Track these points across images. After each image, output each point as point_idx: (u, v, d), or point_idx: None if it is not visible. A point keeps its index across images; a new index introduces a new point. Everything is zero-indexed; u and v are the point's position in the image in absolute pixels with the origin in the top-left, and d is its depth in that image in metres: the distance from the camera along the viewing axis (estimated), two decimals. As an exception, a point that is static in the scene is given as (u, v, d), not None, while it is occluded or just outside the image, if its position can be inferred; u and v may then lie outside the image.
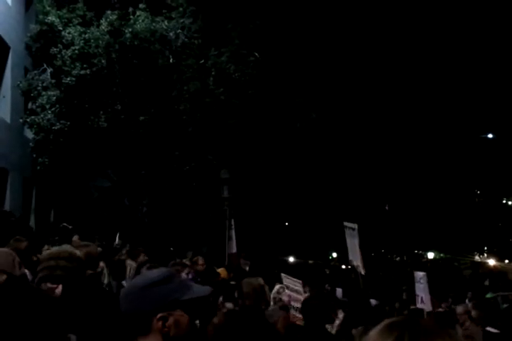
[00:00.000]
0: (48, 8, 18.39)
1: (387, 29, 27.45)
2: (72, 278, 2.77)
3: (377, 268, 29.07)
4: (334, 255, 39.39)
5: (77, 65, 17.48)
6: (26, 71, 18.39)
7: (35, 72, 18.23)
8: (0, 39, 16.44)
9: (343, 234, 8.44)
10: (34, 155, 17.68)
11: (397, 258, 39.01)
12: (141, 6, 18.18)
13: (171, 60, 18.43)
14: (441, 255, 36.19)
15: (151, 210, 20.62)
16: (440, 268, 33.13)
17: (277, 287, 7.11)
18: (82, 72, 17.38)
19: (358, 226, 8.24)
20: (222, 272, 9.27)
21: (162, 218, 21.10)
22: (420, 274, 10.14)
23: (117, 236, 13.02)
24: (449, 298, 14.51)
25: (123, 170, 19.39)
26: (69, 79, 17.38)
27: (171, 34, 18.24)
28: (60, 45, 17.86)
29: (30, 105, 18.36)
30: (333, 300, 6.60)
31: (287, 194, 23.36)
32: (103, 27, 17.81)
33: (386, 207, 36.56)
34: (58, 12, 18.40)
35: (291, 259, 34.29)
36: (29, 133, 18.05)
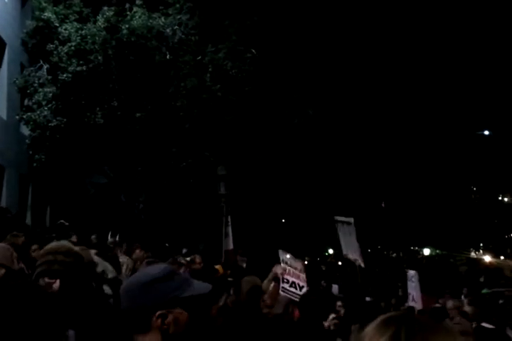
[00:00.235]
0: (44, 4, 18.30)
1: (382, 26, 27.47)
2: (70, 273, 2.78)
3: (373, 265, 29.12)
4: (330, 251, 39.45)
5: (74, 61, 17.43)
6: (22, 67, 18.33)
7: (32, 68, 18.16)
8: (-4, 35, 16.42)
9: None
10: (30, 151, 17.61)
11: (393, 255, 39.10)
12: (137, 2, 18.10)
13: (168, 56, 18.39)
14: (437, 251, 36.27)
15: (147, 207, 20.60)
16: (436, 265, 33.25)
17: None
18: (79, 68, 17.33)
19: (354, 220, 8.19)
20: (219, 269, 9.28)
21: (159, 215, 21.10)
22: (412, 273, 10.19)
23: (109, 234, 12.95)
24: (445, 294, 14.56)
25: (119, 167, 19.37)
26: (65, 75, 17.32)
27: (167, 30, 18.19)
28: (56, 42, 17.79)
29: (26, 102, 18.29)
30: (330, 296, 6.58)
31: (284, 191, 23.38)
32: (100, 23, 17.74)
33: (382, 204, 36.64)
34: (55, 8, 18.31)
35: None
36: (25, 130, 17.99)
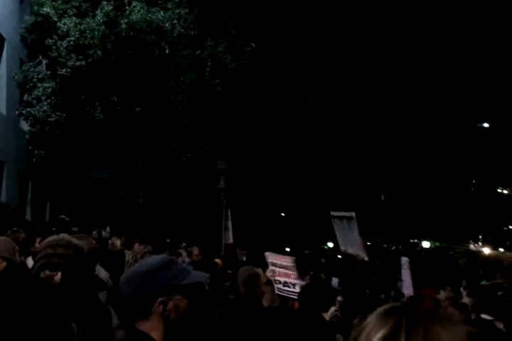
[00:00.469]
0: (43, -1, 18.30)
1: (380, 20, 27.43)
2: (71, 266, 2.81)
3: (373, 257, 29.18)
4: (330, 245, 39.50)
5: (73, 56, 17.43)
6: (22, 63, 18.31)
7: (31, 63, 18.15)
8: (-5, 31, 16.40)
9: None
10: (30, 147, 17.65)
11: (393, 248, 39.15)
12: (136, -4, 18.12)
13: (167, 50, 18.38)
14: (437, 244, 36.31)
15: (147, 201, 20.66)
16: (435, 257, 33.33)
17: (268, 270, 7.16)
18: (78, 63, 17.33)
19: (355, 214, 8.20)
20: (219, 262, 9.35)
21: (158, 209, 21.15)
22: (405, 259, 10.16)
23: (108, 228, 13.03)
24: (447, 286, 14.59)
25: (119, 162, 19.40)
26: (64, 70, 17.33)
27: (166, 25, 18.17)
28: (55, 37, 17.78)
29: (25, 97, 18.29)
30: (330, 289, 6.65)
31: (283, 184, 23.41)
32: (99, 18, 17.72)
33: (382, 197, 36.69)
34: (53, 3, 18.27)
35: (288, 249, 34.40)
36: (25, 125, 18.00)
